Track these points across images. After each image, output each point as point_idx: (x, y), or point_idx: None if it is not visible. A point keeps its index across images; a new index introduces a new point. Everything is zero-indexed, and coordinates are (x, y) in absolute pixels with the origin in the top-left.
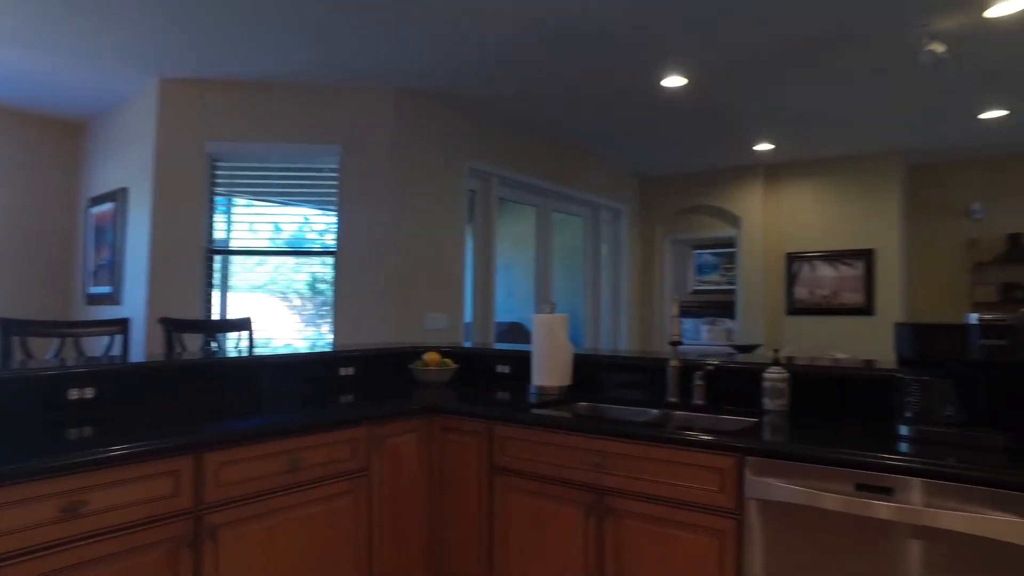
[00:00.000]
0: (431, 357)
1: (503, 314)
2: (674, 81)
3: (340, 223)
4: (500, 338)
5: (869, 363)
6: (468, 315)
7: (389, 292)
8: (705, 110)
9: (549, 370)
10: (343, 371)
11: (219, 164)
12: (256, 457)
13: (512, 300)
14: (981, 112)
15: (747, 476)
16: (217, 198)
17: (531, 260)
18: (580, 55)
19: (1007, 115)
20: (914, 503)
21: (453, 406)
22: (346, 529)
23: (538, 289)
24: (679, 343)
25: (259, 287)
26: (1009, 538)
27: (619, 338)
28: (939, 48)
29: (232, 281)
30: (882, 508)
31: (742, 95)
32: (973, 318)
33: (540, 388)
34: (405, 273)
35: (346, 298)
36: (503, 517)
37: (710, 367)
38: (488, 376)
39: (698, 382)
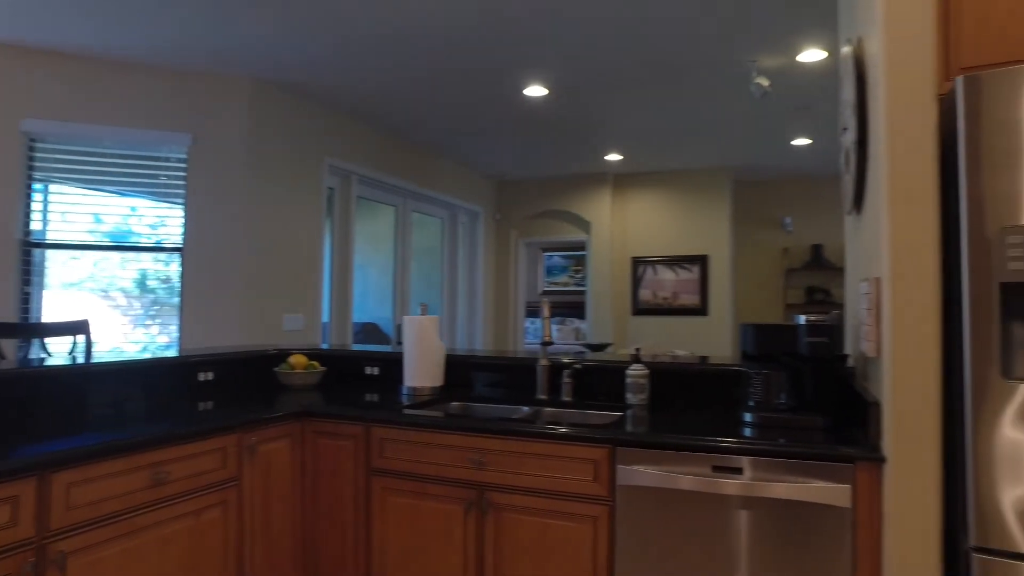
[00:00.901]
0: (298, 360)
1: (358, 314)
2: (536, 91)
3: (187, 217)
4: (356, 339)
5: (704, 359)
6: (325, 315)
7: (242, 292)
8: (562, 120)
9: (422, 371)
10: (202, 376)
11: (39, 145)
12: (113, 474)
13: (367, 300)
14: (793, 139)
15: (618, 465)
16: (36, 184)
17: (388, 260)
18: (445, 60)
19: (812, 143)
20: (757, 478)
21: (328, 409)
22: (215, 543)
23: (395, 289)
24: (550, 343)
25: (74, 284)
26: (825, 500)
27: (475, 338)
28: (764, 82)
29: (45, 278)
30: (733, 485)
31: (596, 108)
32: (801, 319)
33: (413, 389)
34: (260, 272)
35: (194, 298)
36: (381, 519)
37: (578, 366)
38: (357, 378)
39: (566, 380)
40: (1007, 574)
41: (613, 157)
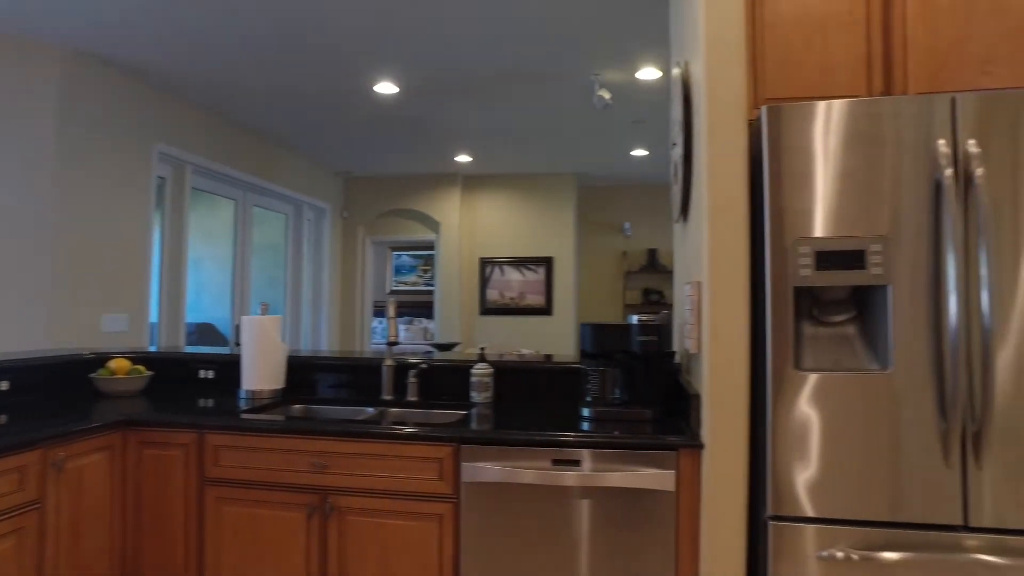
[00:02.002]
0: (119, 364)
1: (193, 314)
2: (386, 88)
3: None
4: (190, 340)
5: (549, 357)
6: (154, 315)
7: (50, 288)
8: (413, 119)
9: (261, 373)
10: None
11: None
12: None
13: (203, 299)
14: (631, 150)
15: (462, 462)
16: None
17: (227, 256)
18: (293, 50)
19: (648, 154)
20: (593, 469)
21: (153, 418)
22: None
23: (235, 287)
24: (396, 343)
25: None
26: (653, 486)
27: (320, 338)
28: (606, 94)
29: None
30: (571, 477)
31: (446, 109)
32: (634, 319)
33: (252, 392)
34: (72, 268)
35: None
36: (216, 531)
37: (423, 366)
38: (190, 383)
39: (411, 380)
40: (796, 535)
41: (463, 158)
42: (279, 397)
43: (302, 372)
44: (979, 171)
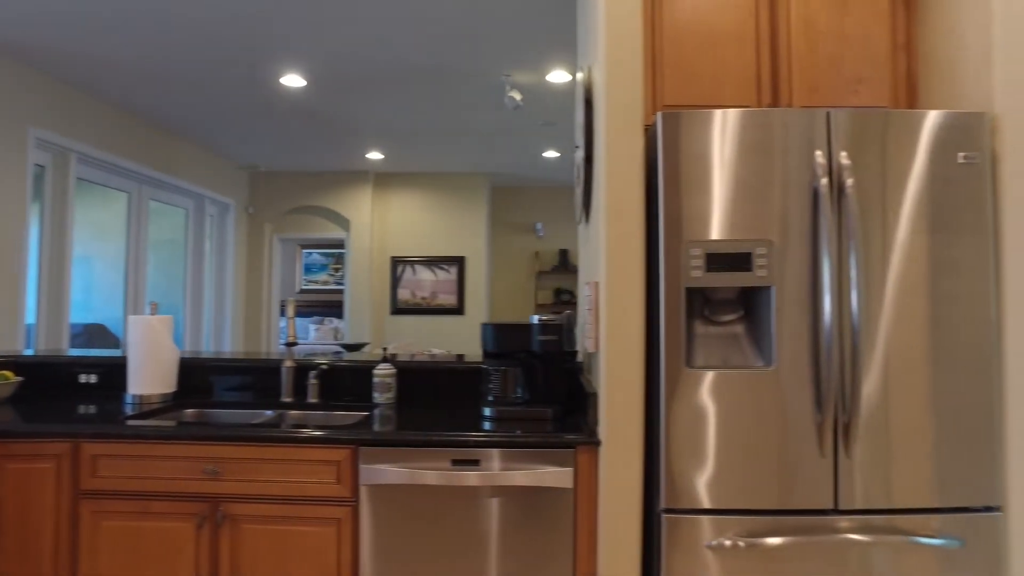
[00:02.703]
0: None
1: (80, 314)
2: (293, 80)
3: None
4: (77, 342)
5: (460, 357)
6: (31, 315)
7: None
8: (322, 113)
9: (149, 376)
10: None
11: None
12: None
13: (93, 298)
14: (543, 151)
15: (361, 465)
16: None
17: (119, 253)
18: (193, 35)
19: (559, 156)
20: (493, 469)
21: (19, 428)
22: None
23: (128, 286)
24: (295, 343)
25: None
26: (553, 483)
27: (223, 339)
28: (517, 96)
29: None
30: (471, 477)
31: (357, 105)
32: (535, 319)
33: (139, 397)
34: None
35: None
36: (93, 549)
37: (324, 366)
38: (68, 388)
39: (312, 381)
40: (688, 526)
41: (374, 155)
42: (170, 401)
43: (197, 375)
44: (850, 181)
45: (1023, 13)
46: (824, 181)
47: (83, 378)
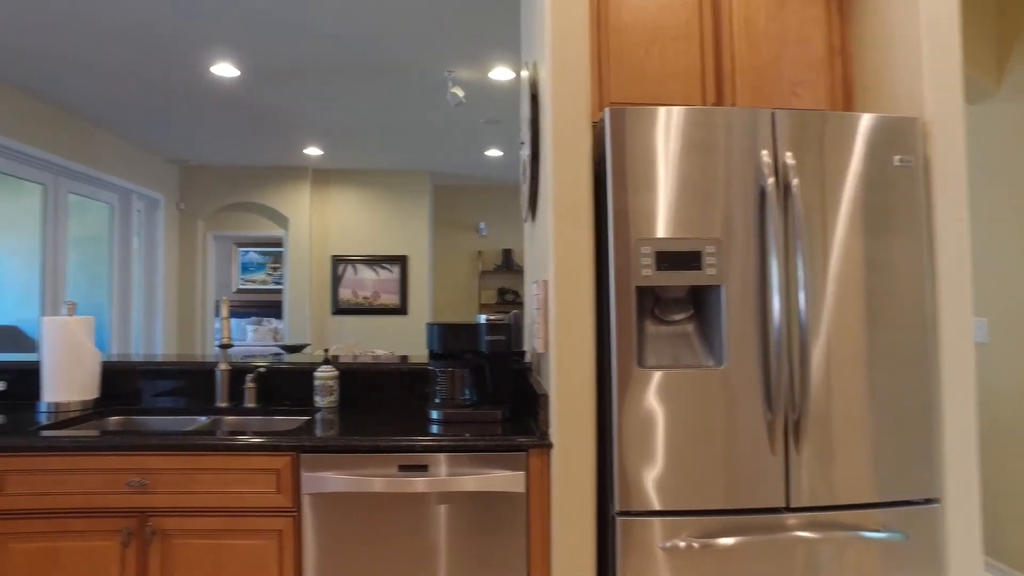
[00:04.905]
0: None
1: None
2: (225, 70)
3: None
4: None
5: (404, 358)
6: None
7: None
8: (256, 106)
9: (67, 382)
10: None
11: None
12: None
13: (5, 298)
14: (486, 150)
15: (303, 473)
16: None
17: (35, 250)
18: (112, 18)
19: (503, 155)
20: (442, 474)
21: None
22: None
23: (45, 285)
24: (230, 345)
25: None
26: (505, 488)
27: (154, 341)
28: (460, 92)
29: None
30: (420, 483)
31: (294, 98)
32: (482, 319)
33: (56, 404)
34: None
35: None
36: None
37: (261, 369)
38: None
39: (249, 385)
40: (643, 529)
41: (312, 151)
42: (91, 409)
43: (124, 380)
44: (795, 181)
45: (948, 21)
46: (771, 181)
47: None
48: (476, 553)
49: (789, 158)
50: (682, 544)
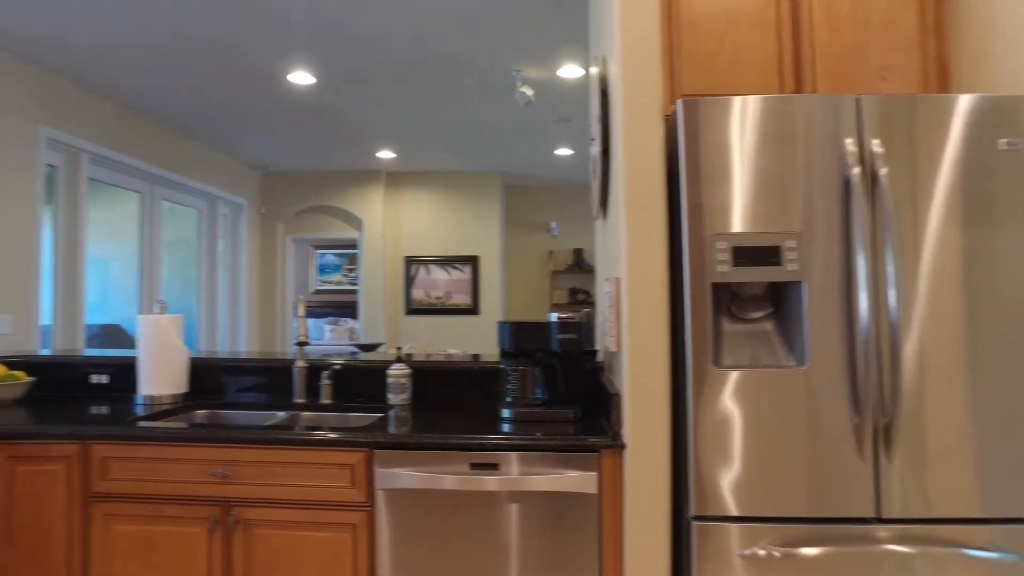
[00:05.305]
0: None
1: (97, 315)
2: (302, 78)
3: None
4: (93, 343)
5: (476, 357)
6: (46, 317)
7: None
8: (332, 111)
9: (160, 377)
10: None
11: None
12: None
13: (109, 299)
14: (556, 148)
15: (376, 469)
16: None
17: (133, 254)
18: (199, 34)
19: (573, 154)
20: (514, 473)
21: (28, 429)
22: None
23: (143, 287)
24: (306, 343)
25: None
26: (577, 488)
27: (238, 339)
28: (529, 91)
29: None
30: (491, 481)
31: (368, 102)
32: (553, 317)
33: (150, 398)
34: None
35: None
36: (105, 553)
37: (337, 366)
38: (80, 389)
39: (325, 382)
40: (720, 535)
41: (386, 154)
42: (181, 402)
43: (209, 375)
44: (883, 170)
45: None
46: (856, 170)
47: (95, 379)
48: (547, 553)
49: (876, 146)
50: (762, 552)
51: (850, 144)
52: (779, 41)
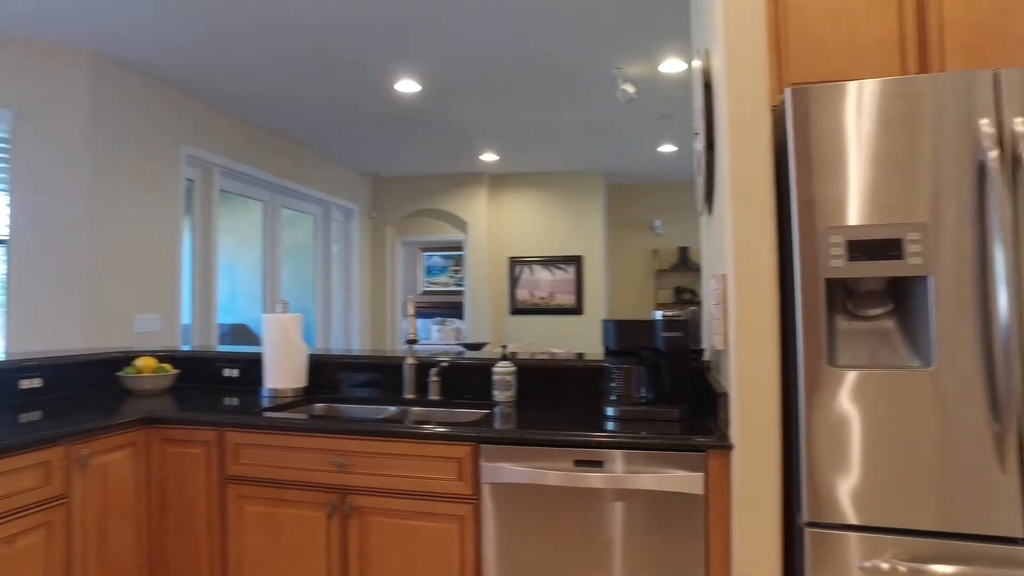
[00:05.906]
0: (145, 363)
1: (226, 315)
2: (408, 86)
3: (13, 205)
4: (224, 341)
5: (580, 355)
6: (186, 316)
7: (83, 290)
8: (436, 117)
9: (283, 372)
10: (25, 384)
11: None
12: None
13: (237, 301)
14: (659, 146)
15: (482, 463)
16: None
17: (257, 258)
18: (313, 50)
19: (676, 151)
20: (618, 471)
21: (176, 415)
22: (36, 572)
23: (266, 289)
24: (415, 341)
25: None
26: (682, 488)
27: (351, 338)
28: (630, 88)
29: None
30: (595, 479)
31: (471, 107)
32: (658, 315)
33: (274, 391)
34: (106, 268)
35: (23, 296)
36: (238, 530)
37: (444, 364)
38: (214, 381)
39: (433, 378)
40: (836, 544)
41: (489, 157)
42: (301, 396)
43: (325, 371)
44: None
45: None
46: (993, 154)
47: (226, 372)
48: (651, 553)
49: (1019, 125)
50: (885, 566)
51: (986, 125)
52: (900, 19)
